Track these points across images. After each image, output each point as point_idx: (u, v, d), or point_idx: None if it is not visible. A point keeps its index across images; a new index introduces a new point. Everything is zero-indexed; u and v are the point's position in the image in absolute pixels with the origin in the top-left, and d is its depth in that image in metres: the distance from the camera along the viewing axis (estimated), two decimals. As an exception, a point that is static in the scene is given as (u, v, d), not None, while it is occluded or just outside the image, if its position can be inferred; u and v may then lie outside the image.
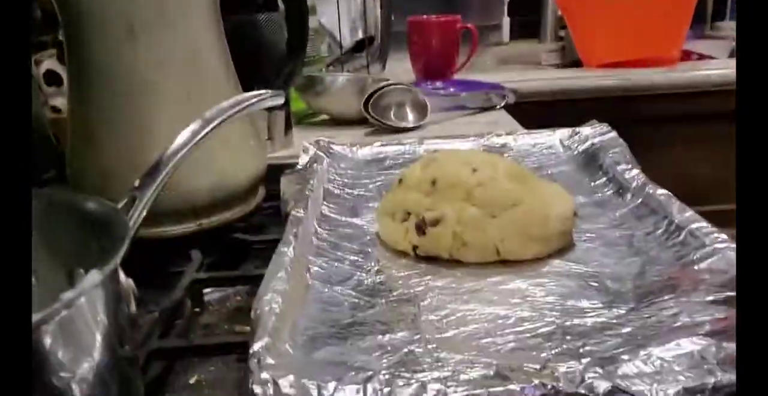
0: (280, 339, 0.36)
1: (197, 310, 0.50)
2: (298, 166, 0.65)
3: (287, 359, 0.34)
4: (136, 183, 0.39)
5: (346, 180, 0.65)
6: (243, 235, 0.59)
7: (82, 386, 0.27)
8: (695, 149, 1.15)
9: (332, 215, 0.56)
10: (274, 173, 0.64)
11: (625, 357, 0.32)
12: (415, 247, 0.48)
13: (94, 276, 0.26)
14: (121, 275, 0.33)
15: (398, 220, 0.50)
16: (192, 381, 0.41)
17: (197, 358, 0.42)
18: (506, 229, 0.47)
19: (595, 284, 0.43)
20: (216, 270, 0.54)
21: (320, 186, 0.60)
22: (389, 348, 0.36)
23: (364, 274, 0.46)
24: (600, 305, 0.40)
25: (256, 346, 0.34)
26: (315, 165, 0.64)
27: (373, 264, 0.48)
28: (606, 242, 0.49)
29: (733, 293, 0.37)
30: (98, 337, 0.28)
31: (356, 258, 0.49)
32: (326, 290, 0.43)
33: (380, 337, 0.37)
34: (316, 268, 0.46)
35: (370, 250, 0.50)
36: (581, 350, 0.34)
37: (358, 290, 0.43)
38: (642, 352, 0.32)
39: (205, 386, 0.40)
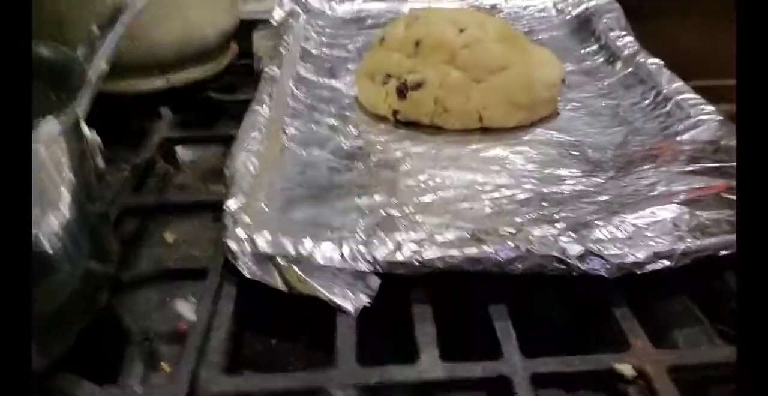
0: (255, 198, 0.35)
1: (170, 169, 0.49)
2: (272, 22, 0.61)
3: (263, 218, 0.33)
4: (94, 29, 0.36)
5: (324, 39, 0.61)
6: (216, 94, 0.57)
7: (52, 241, 0.26)
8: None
9: (309, 76, 0.53)
10: (246, 29, 0.60)
11: (599, 223, 0.32)
12: (395, 112, 0.47)
13: (50, 123, 0.24)
14: (85, 128, 0.31)
15: (378, 83, 0.47)
16: (168, 238, 0.41)
17: (172, 217, 0.42)
18: (490, 96, 0.44)
19: (576, 153, 0.42)
20: (188, 129, 0.52)
21: (296, 44, 0.57)
22: (366, 210, 0.36)
23: (342, 138, 0.44)
24: (579, 174, 0.39)
25: (231, 204, 0.33)
26: (290, 21, 0.60)
27: (351, 128, 0.46)
28: (591, 112, 0.47)
29: (713, 164, 0.37)
30: (63, 191, 0.27)
31: (334, 122, 0.47)
32: (303, 153, 0.42)
33: (357, 199, 0.37)
34: (292, 130, 0.45)
35: (348, 113, 0.48)
36: (556, 216, 0.34)
37: (335, 154, 0.42)
38: (616, 219, 0.32)
39: (181, 243, 0.40)
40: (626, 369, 0.27)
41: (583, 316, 0.33)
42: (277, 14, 0.62)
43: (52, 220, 0.27)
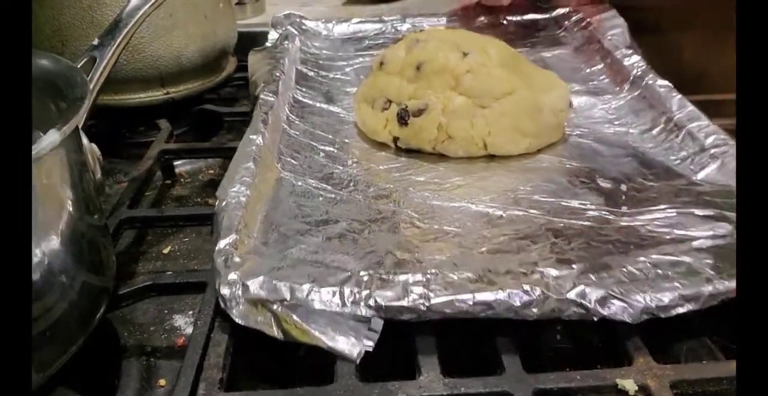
0: (248, 235, 0.33)
1: (168, 182, 0.49)
2: (268, 43, 0.60)
3: (257, 257, 0.31)
4: (95, 41, 0.36)
5: (320, 61, 0.59)
6: (214, 106, 0.57)
7: (50, 253, 0.26)
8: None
9: (305, 101, 0.51)
10: (245, 42, 0.61)
11: (618, 264, 0.31)
12: (395, 139, 0.45)
13: (53, 135, 0.24)
14: (84, 139, 0.31)
15: (378, 109, 0.46)
16: (165, 251, 0.40)
17: (170, 229, 0.42)
18: (495, 122, 0.43)
19: (587, 182, 0.40)
20: (186, 142, 0.52)
21: (292, 67, 0.55)
22: (366, 247, 0.34)
23: (340, 167, 0.42)
24: (591, 206, 0.37)
25: (222, 244, 0.31)
26: (286, 43, 0.58)
27: (349, 156, 0.44)
28: (599, 138, 0.46)
29: (732, 213, 0.35)
30: (62, 202, 0.27)
31: (332, 149, 0.45)
32: (299, 183, 0.40)
33: (356, 236, 0.35)
34: (287, 159, 0.43)
35: (347, 140, 0.46)
36: (571, 254, 0.33)
37: (333, 184, 0.40)
38: (634, 260, 0.31)
39: (179, 256, 0.40)
40: (629, 384, 0.27)
41: (585, 331, 0.32)
42: (272, 35, 0.61)
43: (50, 232, 0.26)
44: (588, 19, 0.61)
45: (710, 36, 0.64)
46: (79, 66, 0.35)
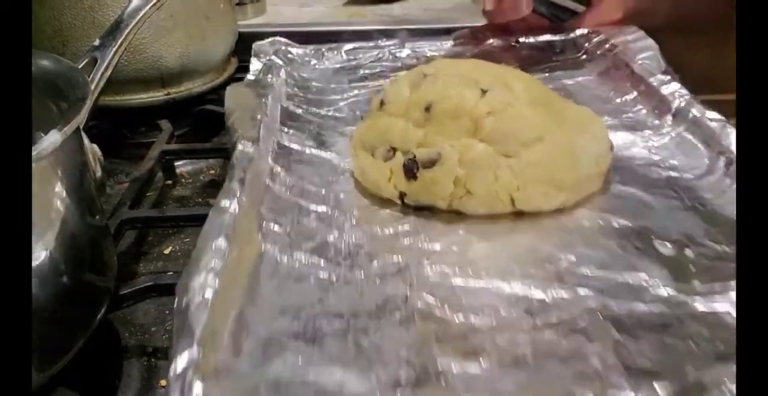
0: (217, 345, 0.25)
1: (169, 182, 0.49)
2: (249, 75, 0.53)
3: (226, 378, 0.24)
4: (96, 42, 0.36)
5: (309, 95, 0.52)
6: (215, 106, 0.57)
7: (51, 253, 0.26)
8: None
9: (292, 146, 0.43)
10: (246, 42, 0.61)
11: (714, 379, 0.24)
12: (402, 194, 0.37)
13: (54, 135, 0.24)
14: (85, 140, 0.31)
15: (380, 158, 0.38)
16: (167, 251, 0.40)
17: (171, 230, 0.42)
18: (525, 174, 0.36)
19: (641, 247, 0.33)
20: (187, 142, 0.52)
21: (276, 105, 0.47)
22: (374, 354, 0.26)
23: (335, 233, 0.35)
24: (655, 282, 0.30)
25: (181, 363, 0.23)
26: (270, 77, 0.50)
27: (346, 217, 0.36)
28: (645, 185, 0.38)
29: None
30: (63, 203, 0.27)
31: (325, 209, 0.37)
32: (285, 259, 0.32)
33: (360, 335, 0.27)
34: (270, 226, 0.35)
35: (342, 196, 0.38)
36: (644, 361, 0.25)
37: (327, 257, 0.33)
38: (732, 370, 0.24)
39: (180, 256, 0.40)
40: None
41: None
42: (254, 66, 0.54)
43: (51, 232, 0.26)
44: (612, 41, 0.56)
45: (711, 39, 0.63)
46: (80, 66, 0.35)
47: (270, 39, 0.58)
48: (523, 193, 0.36)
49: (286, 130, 0.45)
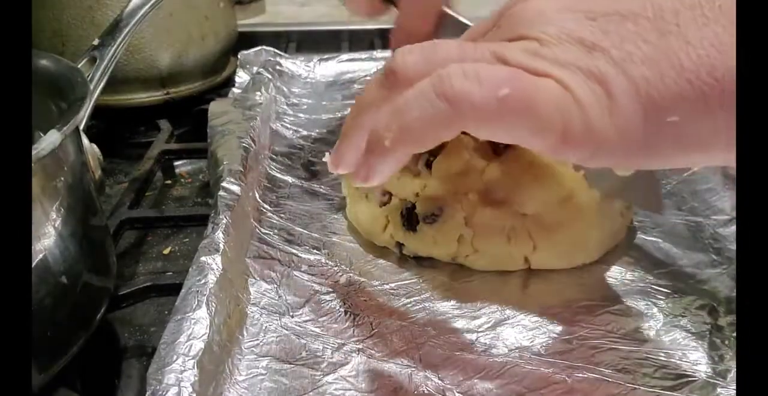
0: None
1: (169, 182, 0.49)
2: (235, 88, 0.51)
3: None
4: (96, 42, 0.36)
5: (300, 115, 0.48)
6: (214, 106, 0.56)
7: (51, 254, 0.26)
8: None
9: (282, 177, 0.40)
10: (245, 42, 0.61)
11: None
12: (400, 244, 0.33)
13: (53, 135, 0.24)
14: (85, 140, 0.31)
15: (375, 201, 0.34)
16: (166, 251, 0.40)
17: (170, 230, 0.42)
18: (542, 234, 0.31)
19: (673, 314, 0.29)
20: (187, 142, 0.52)
21: (265, 128, 0.43)
22: None
23: (328, 291, 0.31)
24: (688, 362, 0.26)
25: None
26: (258, 95, 0.46)
27: (340, 268, 0.32)
28: (669, 234, 0.34)
29: None
30: (63, 203, 0.27)
31: (317, 257, 0.33)
32: (272, 325, 0.29)
33: None
34: (257, 283, 0.31)
35: (336, 239, 0.35)
36: None
37: (320, 322, 0.29)
38: None
39: (179, 256, 0.40)
40: None
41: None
42: (240, 78, 0.52)
43: (51, 232, 0.26)
44: None
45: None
46: (79, 66, 0.34)
47: (257, 48, 0.55)
48: (541, 254, 0.31)
49: (274, 159, 0.42)
